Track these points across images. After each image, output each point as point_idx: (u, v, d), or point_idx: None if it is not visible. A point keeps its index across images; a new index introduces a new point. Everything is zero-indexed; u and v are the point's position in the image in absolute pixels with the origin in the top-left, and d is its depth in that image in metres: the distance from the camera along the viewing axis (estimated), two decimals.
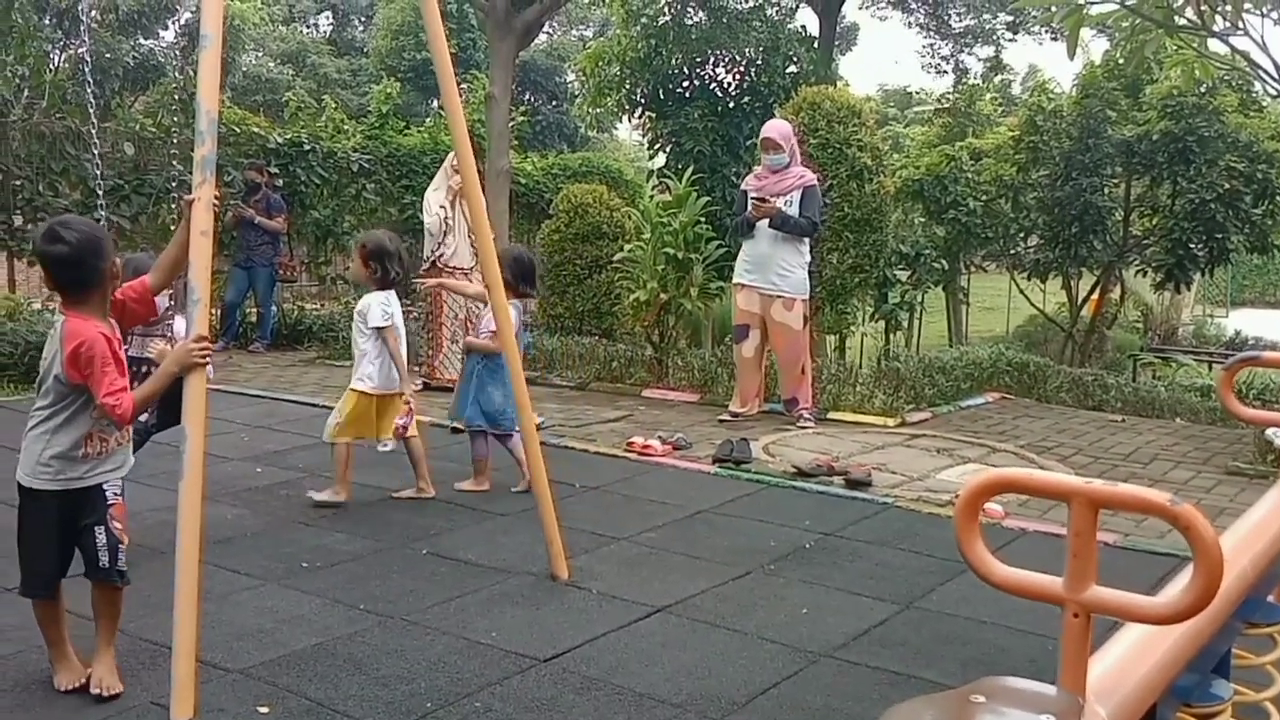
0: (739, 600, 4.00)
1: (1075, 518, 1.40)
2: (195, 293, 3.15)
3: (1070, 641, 1.42)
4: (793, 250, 7.22)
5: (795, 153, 7.38)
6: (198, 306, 3.14)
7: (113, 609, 3.28)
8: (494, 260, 4.23)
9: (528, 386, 4.37)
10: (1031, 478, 1.60)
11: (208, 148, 3.17)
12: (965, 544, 1.60)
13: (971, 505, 1.63)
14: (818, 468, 5.69)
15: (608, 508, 5.20)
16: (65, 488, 3.14)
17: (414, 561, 4.41)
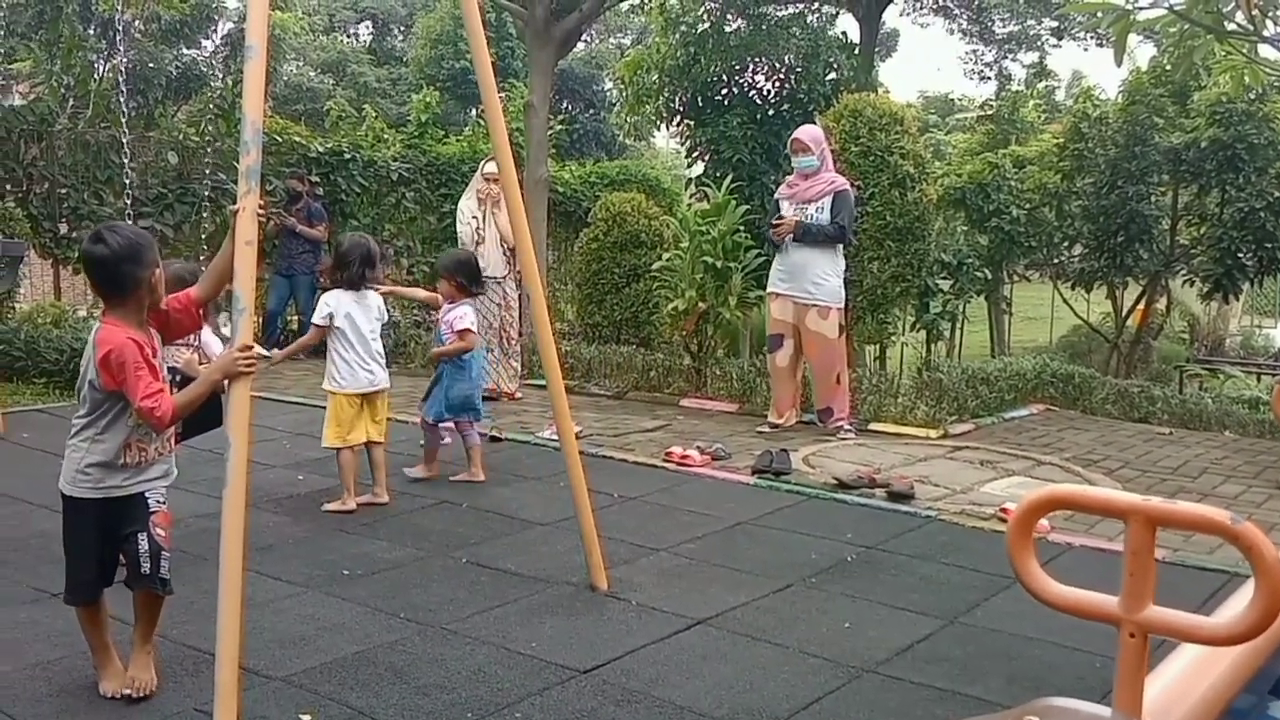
0: (780, 613, 3.96)
1: (1133, 536, 1.37)
2: (240, 302, 3.16)
3: (1126, 662, 1.39)
4: (827, 258, 7.14)
5: (827, 157, 7.29)
6: (242, 315, 3.15)
7: (151, 614, 3.29)
8: (534, 266, 4.22)
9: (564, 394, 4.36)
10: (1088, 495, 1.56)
11: (253, 157, 3.19)
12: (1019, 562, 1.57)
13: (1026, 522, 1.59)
14: (859, 480, 5.63)
15: (646, 518, 5.17)
16: (105, 496, 3.16)
17: (454, 570, 4.40)
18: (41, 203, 10.18)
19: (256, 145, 3.20)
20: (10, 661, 3.42)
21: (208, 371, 3.24)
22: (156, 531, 3.21)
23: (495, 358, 8.54)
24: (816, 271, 7.11)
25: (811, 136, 7.26)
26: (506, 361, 8.60)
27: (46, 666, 3.39)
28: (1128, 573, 1.40)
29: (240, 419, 3.11)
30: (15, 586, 4.14)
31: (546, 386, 4.34)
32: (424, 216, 13.40)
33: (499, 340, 8.54)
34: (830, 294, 7.12)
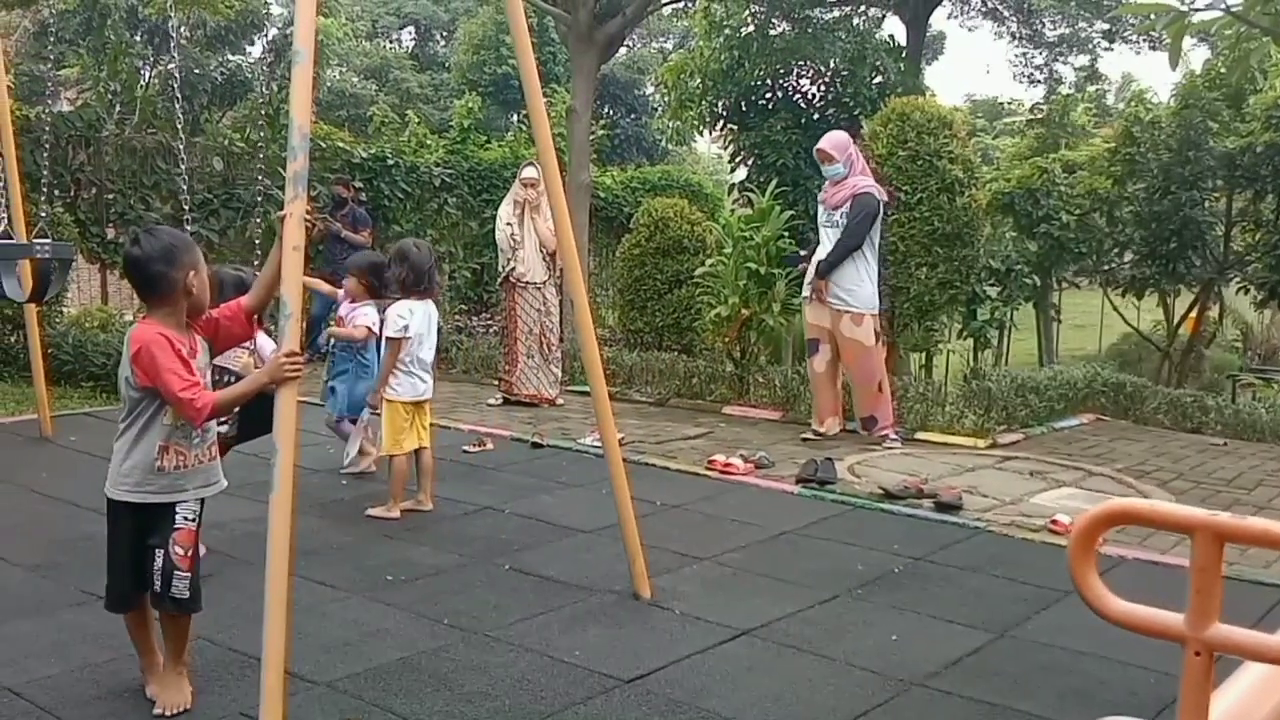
0: (826, 625, 3.90)
1: (1199, 552, 1.32)
2: (287, 307, 3.16)
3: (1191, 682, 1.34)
4: (854, 265, 7.00)
5: (855, 162, 7.14)
6: (289, 321, 3.14)
7: (176, 633, 3.20)
8: (578, 272, 4.20)
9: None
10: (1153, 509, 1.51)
11: (300, 163, 3.18)
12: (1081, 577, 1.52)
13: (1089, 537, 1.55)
14: (905, 489, 5.54)
15: (689, 527, 5.13)
16: (141, 500, 3.14)
17: (497, 577, 4.39)
18: (89, 208, 10.33)
19: (304, 151, 3.20)
20: (58, 664, 3.45)
21: (254, 375, 3.24)
22: (174, 549, 3.12)
23: (536, 363, 8.55)
24: (846, 278, 7.00)
25: (834, 144, 7.14)
26: (547, 367, 8.60)
27: (94, 669, 3.41)
28: (1193, 589, 1.35)
29: (287, 425, 3.11)
30: (63, 589, 4.17)
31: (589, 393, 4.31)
32: (465, 222, 13.46)
33: (539, 346, 8.54)
34: (863, 300, 7.00)
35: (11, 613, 3.90)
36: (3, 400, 8.08)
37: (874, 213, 6.99)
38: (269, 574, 3.03)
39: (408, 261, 5.18)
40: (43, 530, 4.94)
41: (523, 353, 8.50)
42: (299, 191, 3.16)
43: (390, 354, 5.18)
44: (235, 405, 3.20)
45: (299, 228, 3.15)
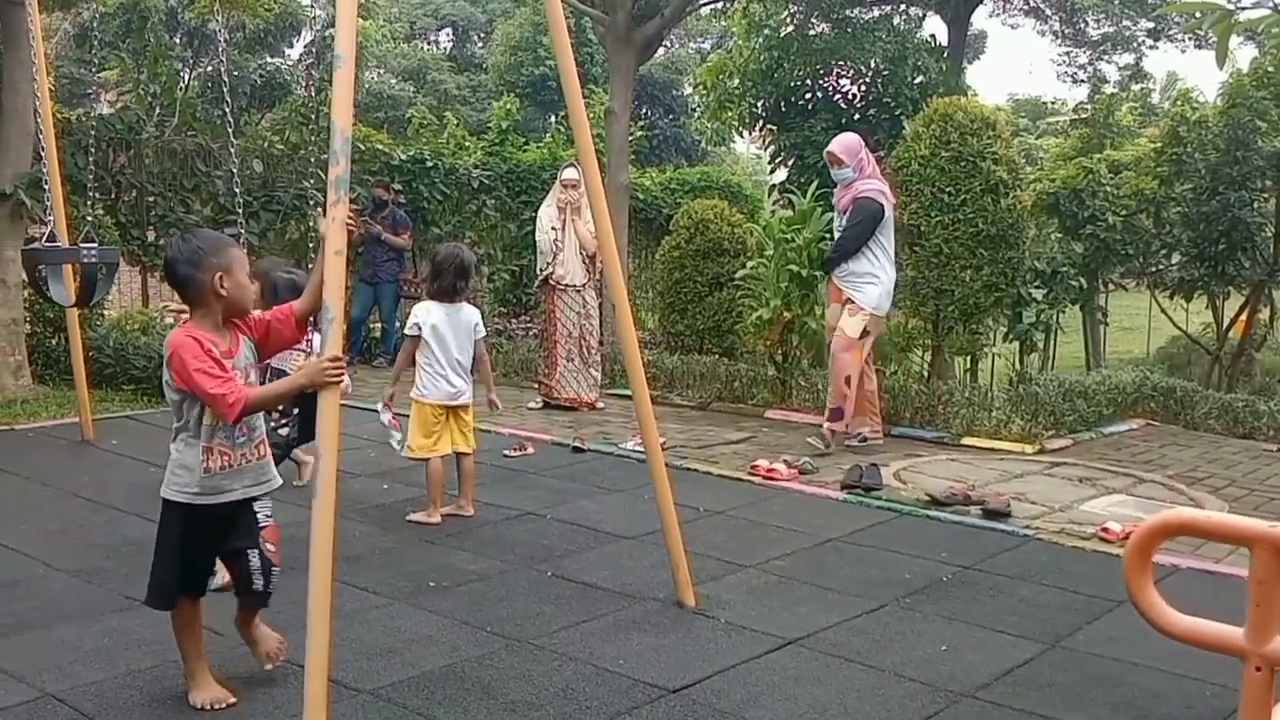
0: (873, 635, 3.82)
1: (1259, 564, 1.27)
2: (330, 311, 3.13)
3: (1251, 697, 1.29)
4: (858, 264, 6.85)
5: (865, 166, 6.95)
6: (332, 325, 3.12)
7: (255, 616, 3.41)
8: (619, 275, 4.15)
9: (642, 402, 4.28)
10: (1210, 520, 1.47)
11: (341, 167, 3.16)
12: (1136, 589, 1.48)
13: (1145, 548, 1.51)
14: (952, 496, 5.44)
15: (733, 533, 5.06)
16: (191, 501, 3.17)
17: (539, 583, 4.35)
18: (129, 210, 10.42)
19: (345, 155, 3.17)
20: (102, 670, 3.45)
21: (293, 376, 3.22)
22: (266, 547, 3.28)
23: (576, 367, 8.51)
24: (857, 274, 6.88)
25: (844, 147, 6.97)
26: (586, 371, 8.56)
27: (137, 675, 3.41)
28: (1253, 603, 1.29)
29: (330, 430, 3.08)
30: (108, 594, 4.18)
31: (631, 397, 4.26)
32: (504, 224, 13.46)
33: (579, 349, 8.50)
34: (866, 298, 6.82)
35: (56, 618, 3.91)
36: (45, 404, 8.16)
37: (874, 217, 6.80)
38: (312, 580, 3.01)
39: (436, 266, 5.23)
40: (85, 535, 4.96)
41: (562, 356, 8.47)
42: (341, 195, 3.14)
43: (402, 353, 5.28)
44: (271, 404, 3.20)
45: (341, 232, 3.13)
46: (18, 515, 5.22)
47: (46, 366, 8.91)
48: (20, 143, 8.48)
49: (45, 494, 5.63)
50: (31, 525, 5.06)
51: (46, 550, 4.69)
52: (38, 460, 6.38)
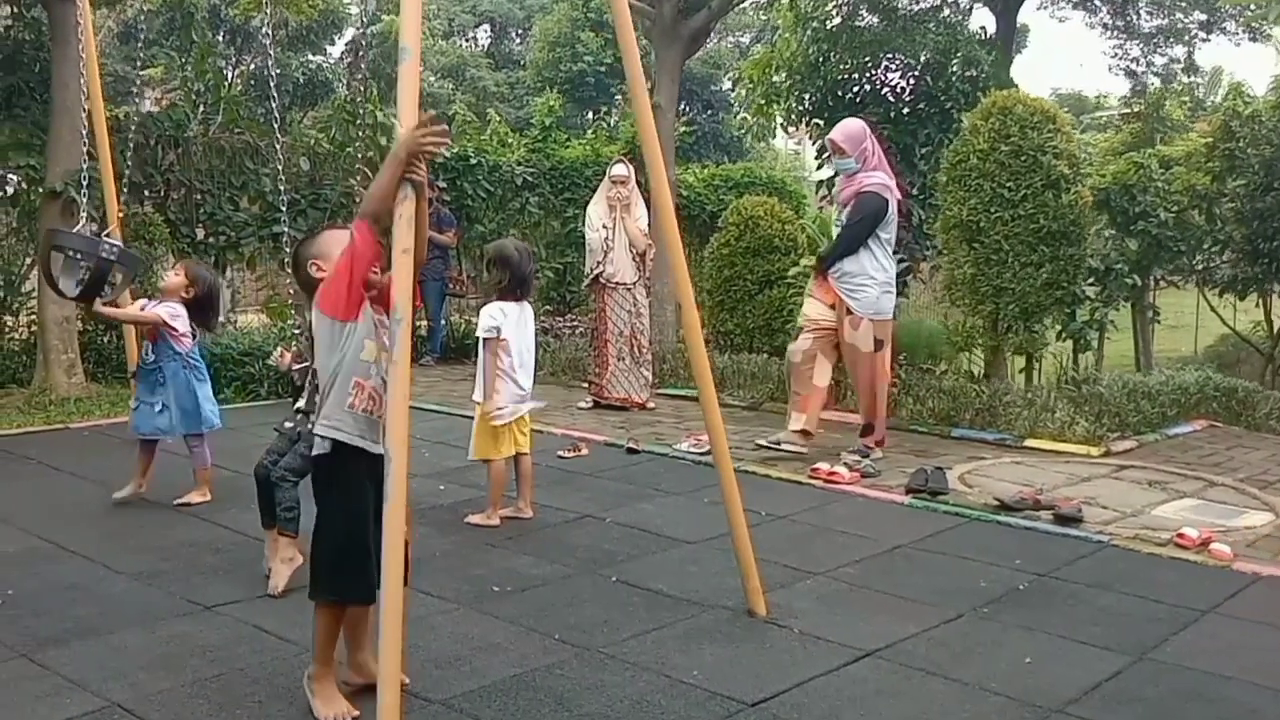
0: (954, 646, 3.70)
1: None
2: (398, 311, 3.06)
3: None
4: (856, 263, 6.39)
5: (869, 156, 6.44)
6: (400, 326, 3.04)
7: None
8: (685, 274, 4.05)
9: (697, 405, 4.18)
10: None
11: None
12: None
13: None
14: (1022, 501, 5.29)
15: (798, 539, 4.94)
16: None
17: (604, 589, 4.26)
18: (178, 208, 10.44)
19: None
20: (168, 678, 3.39)
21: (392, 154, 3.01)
22: None
23: (626, 366, 8.42)
24: (851, 278, 6.42)
25: (846, 135, 6.47)
26: (637, 370, 8.46)
27: (205, 684, 3.35)
28: None
29: (399, 430, 2.99)
30: (168, 598, 4.14)
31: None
32: (547, 221, 13.39)
33: (630, 348, 8.41)
34: (864, 304, 6.38)
35: (118, 622, 3.87)
36: (97, 402, 8.18)
37: (877, 214, 6.33)
38: (384, 588, 2.93)
39: (509, 263, 5.05)
40: (143, 537, 4.93)
41: (613, 355, 8.37)
42: (408, 193, 3.06)
43: (487, 357, 5.06)
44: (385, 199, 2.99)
45: (409, 230, 3.05)
46: (78, 517, 5.21)
47: (98, 364, 8.94)
48: (70, 140, 8.49)
49: (102, 494, 5.60)
50: (91, 527, 5.05)
51: (105, 552, 4.66)
52: (93, 460, 6.38)
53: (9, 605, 4.04)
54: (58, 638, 3.71)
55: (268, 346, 8.77)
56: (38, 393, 8.09)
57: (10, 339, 9.17)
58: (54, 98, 8.41)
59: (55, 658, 3.54)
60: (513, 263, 5.03)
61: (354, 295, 3.01)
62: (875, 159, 6.50)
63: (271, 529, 4.32)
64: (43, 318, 8.31)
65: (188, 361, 5.45)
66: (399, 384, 3.02)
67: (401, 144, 2.94)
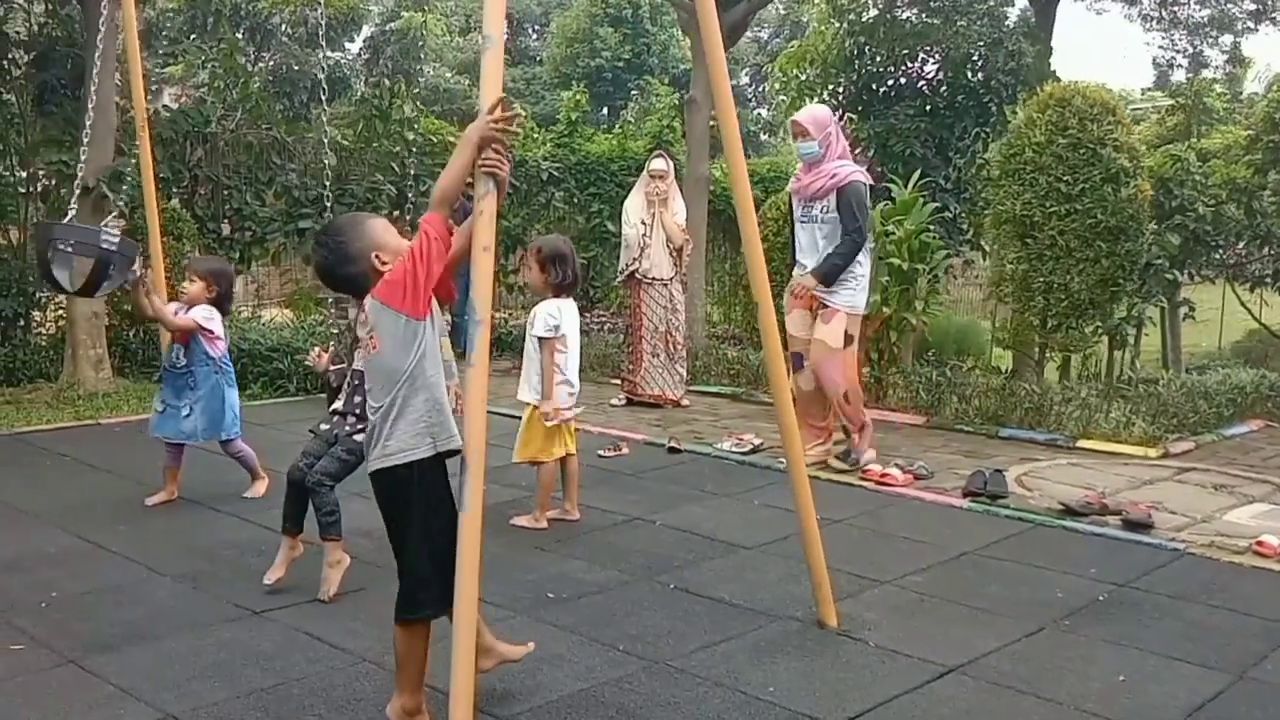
0: (1040, 661, 3.52)
1: None
2: (476, 313, 2.90)
3: None
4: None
5: (834, 143, 6.03)
6: (478, 328, 2.89)
7: None
8: (763, 272, 3.88)
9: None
10: None
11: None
12: None
13: None
14: (1088, 505, 5.10)
15: (858, 544, 4.76)
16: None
17: (663, 597, 4.10)
18: (205, 204, 10.32)
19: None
20: (223, 688, 3.25)
21: (463, 142, 2.85)
22: None
23: (661, 363, 8.26)
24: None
25: (812, 119, 6.06)
26: (672, 367, 8.30)
27: (262, 695, 3.21)
28: None
29: (476, 436, 2.83)
30: (215, 602, 4.00)
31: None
32: (572, 216, 13.23)
33: (665, 345, 8.24)
34: (838, 297, 6.04)
35: (167, 628, 3.73)
36: (125, 397, 8.07)
37: (866, 201, 6.03)
38: (458, 601, 2.78)
39: (565, 260, 4.86)
40: (184, 536, 4.81)
41: (648, 351, 8.21)
42: (490, 188, 2.91)
43: (548, 356, 4.88)
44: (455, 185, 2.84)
45: (489, 226, 2.90)
46: (115, 515, 5.08)
47: (124, 359, 8.83)
48: (102, 135, 8.37)
49: (139, 492, 5.48)
50: (130, 526, 4.92)
51: (147, 553, 4.53)
52: (127, 456, 6.25)
53: (53, 608, 3.92)
54: (105, 643, 3.58)
55: (297, 343, 8.66)
56: (66, 388, 7.98)
57: (38, 334, 9.05)
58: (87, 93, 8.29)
59: (104, 665, 3.41)
60: (568, 260, 4.85)
61: (427, 291, 2.84)
62: (840, 148, 6.11)
63: (291, 534, 4.17)
64: (71, 313, 8.20)
65: (220, 366, 5.32)
66: (476, 389, 2.87)
67: (473, 129, 2.82)
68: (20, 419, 7.25)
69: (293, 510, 4.14)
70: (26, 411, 7.48)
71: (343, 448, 4.10)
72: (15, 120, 9.05)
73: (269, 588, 4.06)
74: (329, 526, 4.06)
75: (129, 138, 8.81)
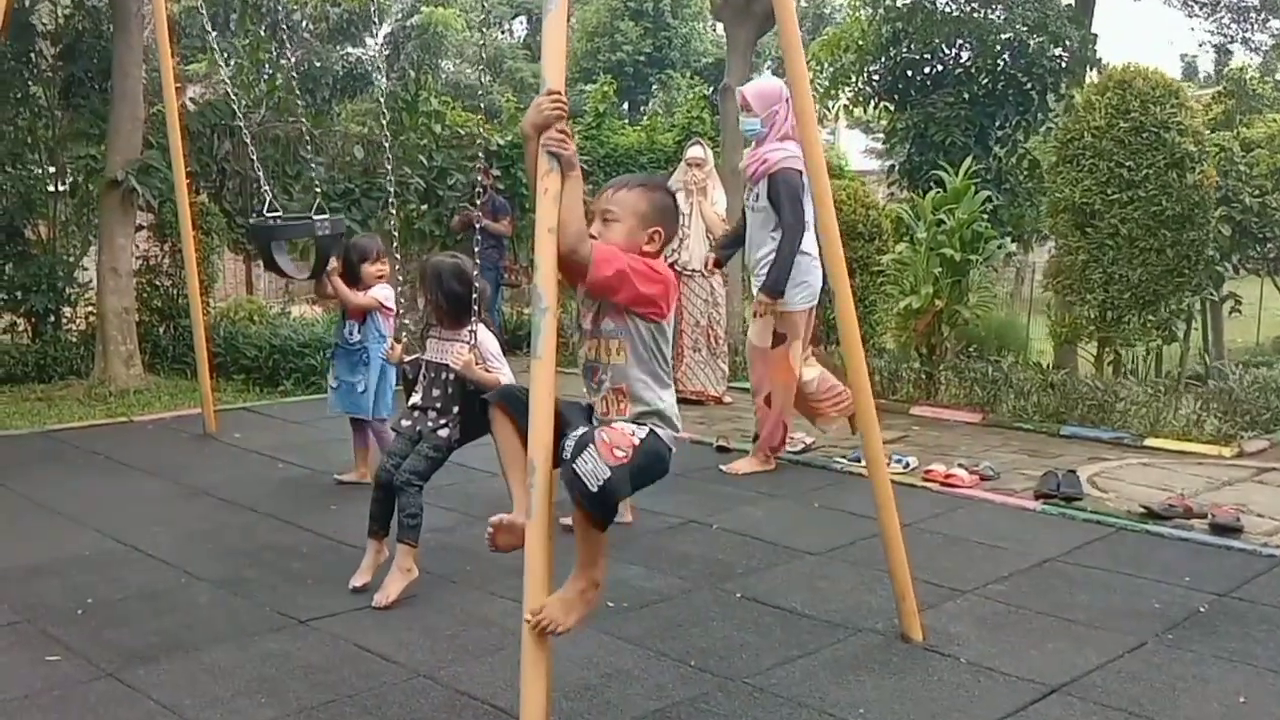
0: (1149, 681, 3.25)
1: None
2: (542, 300, 2.67)
3: None
4: (770, 247, 5.54)
5: (779, 121, 5.44)
6: (545, 315, 2.65)
7: None
8: (841, 261, 3.63)
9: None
10: None
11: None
12: None
13: None
14: (1172, 508, 4.83)
15: (932, 551, 4.50)
16: None
17: (730, 607, 3.86)
18: (234, 198, 10.15)
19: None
20: (271, 706, 3.04)
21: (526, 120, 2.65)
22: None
23: (703, 358, 8.01)
24: (763, 260, 5.58)
25: (758, 93, 5.51)
26: (714, 363, 8.05)
27: (311, 714, 2.99)
28: None
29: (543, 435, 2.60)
30: (257, 610, 3.79)
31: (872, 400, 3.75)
32: None
33: (706, 340, 7.99)
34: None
35: (207, 638, 3.52)
36: (156, 394, 7.90)
37: (800, 197, 5.38)
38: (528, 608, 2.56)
39: None
40: (223, 539, 4.61)
41: (688, 346, 7.97)
42: (553, 165, 2.67)
43: None
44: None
45: (554, 207, 2.67)
46: (152, 517, 4.88)
47: (154, 356, 8.66)
48: (130, 128, 8.22)
49: (175, 492, 5.29)
50: (167, 528, 4.71)
51: (184, 556, 4.33)
52: (163, 455, 6.07)
53: (89, 615, 3.72)
54: (144, 654, 3.38)
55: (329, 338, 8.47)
56: (97, 384, 7.81)
57: (68, 330, 8.89)
58: (114, 86, 8.14)
59: (144, 678, 3.20)
60: None
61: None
62: (787, 127, 5.44)
63: (377, 537, 4.00)
64: (102, 308, 8.03)
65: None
66: (544, 383, 2.64)
67: (525, 122, 2.64)
68: (52, 416, 7.08)
69: (380, 512, 3.98)
70: (58, 408, 7.31)
71: (428, 444, 3.96)
72: (43, 113, 8.89)
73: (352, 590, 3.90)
74: (408, 530, 3.88)
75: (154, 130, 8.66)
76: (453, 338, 4.04)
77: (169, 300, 9.04)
